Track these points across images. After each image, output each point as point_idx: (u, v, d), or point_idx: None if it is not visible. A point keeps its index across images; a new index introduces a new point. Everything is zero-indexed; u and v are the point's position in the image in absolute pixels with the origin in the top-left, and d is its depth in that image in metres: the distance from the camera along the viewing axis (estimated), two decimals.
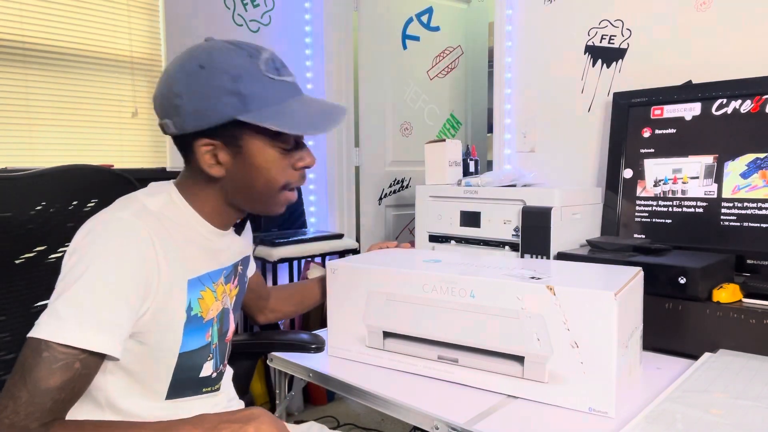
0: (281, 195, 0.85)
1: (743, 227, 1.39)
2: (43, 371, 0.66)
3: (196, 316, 0.83)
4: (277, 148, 0.81)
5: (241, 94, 0.76)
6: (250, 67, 0.78)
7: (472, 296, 0.93)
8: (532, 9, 2.05)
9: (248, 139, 0.80)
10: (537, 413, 0.86)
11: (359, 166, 2.91)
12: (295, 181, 0.86)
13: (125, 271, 0.72)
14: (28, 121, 2.03)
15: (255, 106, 0.77)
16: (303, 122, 0.79)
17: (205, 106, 0.76)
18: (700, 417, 0.79)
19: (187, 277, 0.81)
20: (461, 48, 3.22)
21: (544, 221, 1.51)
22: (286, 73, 0.82)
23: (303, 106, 0.81)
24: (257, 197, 0.84)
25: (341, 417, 2.39)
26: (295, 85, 0.83)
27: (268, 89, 0.78)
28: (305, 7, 2.81)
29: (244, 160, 0.81)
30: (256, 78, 0.78)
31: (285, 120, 0.78)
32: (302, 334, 1.15)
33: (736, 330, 1.07)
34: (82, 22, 2.13)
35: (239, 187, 0.83)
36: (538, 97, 2.05)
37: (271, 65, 0.80)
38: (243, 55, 0.78)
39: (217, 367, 0.91)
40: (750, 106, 1.41)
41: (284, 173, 0.83)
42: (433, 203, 1.82)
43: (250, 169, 0.81)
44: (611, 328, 0.81)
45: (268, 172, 0.82)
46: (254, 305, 1.17)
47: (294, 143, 0.83)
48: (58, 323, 0.68)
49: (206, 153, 0.80)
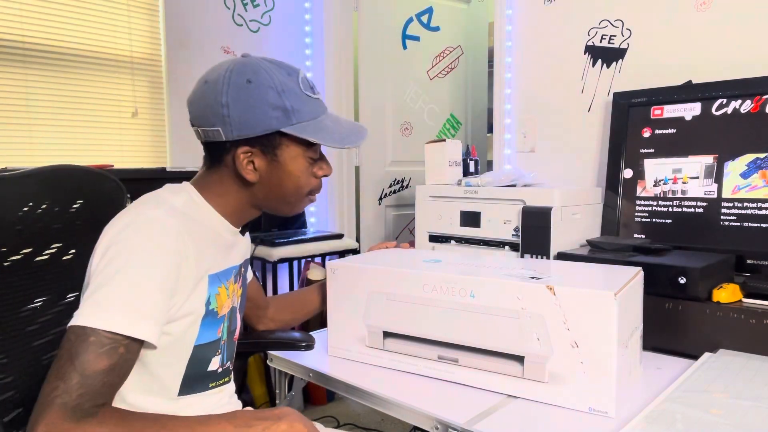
0: (305, 199, 0.95)
1: (743, 227, 1.39)
2: (90, 354, 0.69)
3: (213, 310, 0.87)
4: (307, 158, 0.90)
5: (285, 108, 0.85)
6: (292, 84, 0.87)
7: (472, 296, 0.93)
8: (532, 9, 2.05)
9: (285, 149, 0.88)
10: (537, 413, 0.86)
11: (359, 166, 2.91)
12: (316, 188, 0.95)
13: (163, 264, 0.77)
14: (28, 121, 2.03)
15: (296, 119, 0.87)
16: (337, 136, 0.89)
17: (252, 117, 0.84)
18: (700, 417, 0.79)
19: (209, 272, 0.86)
20: (461, 48, 3.22)
21: (544, 221, 1.51)
22: (317, 92, 0.92)
23: (333, 122, 0.92)
24: (286, 200, 0.92)
25: (341, 417, 2.39)
26: (323, 103, 0.93)
27: (306, 105, 0.88)
28: (305, 7, 2.81)
29: (279, 167, 0.89)
30: (296, 95, 0.87)
31: (323, 134, 0.88)
32: (292, 333, 1.16)
33: (736, 330, 1.07)
34: (82, 22, 2.13)
35: (270, 191, 0.91)
36: (538, 97, 2.05)
37: (306, 84, 0.90)
38: (284, 74, 0.87)
39: (224, 363, 0.94)
40: (750, 106, 1.41)
41: (309, 180, 0.92)
42: (433, 203, 1.82)
43: (283, 175, 0.89)
44: (611, 328, 0.81)
45: (298, 179, 0.90)
46: (253, 315, 1.19)
47: (319, 156, 0.93)
48: (102, 312, 0.72)
49: (245, 159, 0.87)
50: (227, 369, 0.96)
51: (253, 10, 2.61)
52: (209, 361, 0.90)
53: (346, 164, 2.87)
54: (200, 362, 0.88)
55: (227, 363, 0.96)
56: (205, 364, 0.90)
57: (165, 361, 0.84)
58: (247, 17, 2.59)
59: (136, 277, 0.74)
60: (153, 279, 0.75)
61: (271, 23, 2.68)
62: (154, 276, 0.76)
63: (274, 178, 0.89)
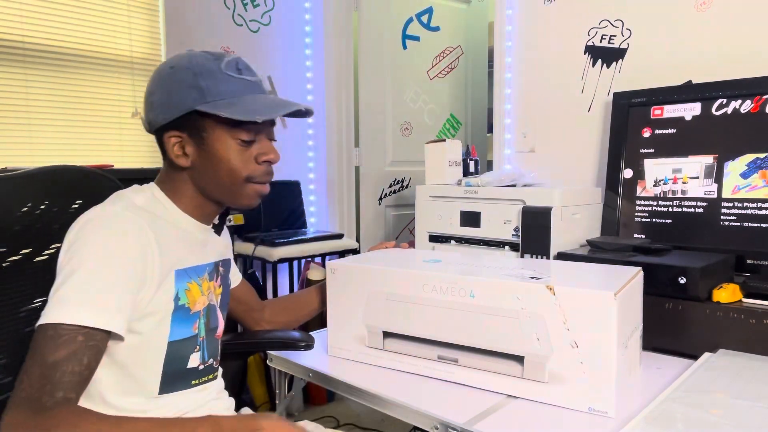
0: (247, 187, 0.91)
1: (743, 227, 1.39)
2: (49, 347, 0.71)
3: (184, 306, 0.87)
4: (236, 140, 0.88)
5: (200, 88, 0.85)
6: (211, 65, 0.87)
7: (472, 296, 0.93)
8: (532, 9, 2.04)
9: (210, 131, 0.87)
10: (537, 413, 0.86)
11: (359, 166, 2.91)
12: (258, 175, 0.91)
13: (123, 256, 0.78)
14: (28, 121, 2.03)
15: (212, 98, 0.85)
16: (248, 111, 0.85)
17: (170, 99, 0.86)
18: (700, 417, 0.79)
19: (175, 267, 0.86)
20: (461, 48, 3.22)
21: (544, 221, 1.51)
22: (248, 74, 0.90)
23: (256, 100, 0.88)
24: (225, 188, 0.90)
25: (341, 417, 2.39)
26: (256, 84, 0.90)
27: (226, 84, 0.87)
28: (305, 7, 2.81)
29: (208, 151, 0.88)
30: (214, 74, 0.86)
31: (234, 109, 0.85)
32: (292, 332, 1.15)
33: (736, 330, 1.07)
34: (82, 22, 2.13)
35: (206, 177, 0.90)
36: (538, 97, 2.05)
37: (233, 65, 0.88)
38: (207, 57, 0.88)
39: (205, 360, 0.94)
40: (750, 106, 1.41)
41: (246, 165, 0.89)
42: (433, 203, 1.82)
43: (213, 160, 0.88)
44: (611, 328, 0.81)
45: (229, 163, 0.88)
46: (248, 317, 1.19)
47: (254, 136, 0.89)
48: (61, 307, 0.73)
49: (175, 144, 0.88)
50: (211, 366, 0.96)
51: (253, 10, 2.61)
52: (187, 358, 0.90)
53: (346, 164, 2.87)
54: (177, 359, 0.88)
55: (210, 360, 0.95)
56: (184, 362, 0.90)
57: (141, 360, 0.85)
58: (247, 17, 2.59)
59: (95, 270, 0.76)
60: (113, 271, 0.77)
61: (271, 23, 2.68)
62: (113, 268, 0.77)
63: (207, 163, 0.88)
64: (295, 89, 2.80)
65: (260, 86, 0.91)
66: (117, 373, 0.84)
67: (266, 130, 0.92)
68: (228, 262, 1.05)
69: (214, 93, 0.86)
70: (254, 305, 1.20)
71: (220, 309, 0.98)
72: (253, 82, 0.90)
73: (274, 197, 2.57)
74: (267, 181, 0.93)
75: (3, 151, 1.98)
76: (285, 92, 2.75)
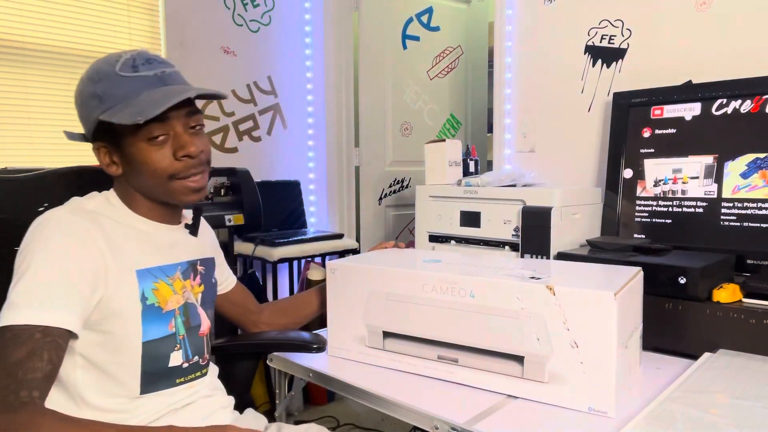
0: (174, 184, 0.89)
1: (743, 227, 1.39)
2: (9, 348, 0.72)
3: (153, 306, 0.87)
4: (145, 140, 0.86)
5: (98, 95, 0.85)
6: (107, 69, 0.85)
7: (472, 296, 0.93)
8: (532, 9, 2.04)
9: (122, 136, 0.86)
10: (537, 413, 0.86)
11: (359, 166, 2.91)
12: (181, 171, 0.89)
13: (70, 256, 0.79)
14: (28, 121, 2.03)
15: (109, 104, 0.84)
16: (135, 112, 0.82)
17: (83, 113, 0.88)
18: (700, 417, 0.79)
19: (135, 267, 0.87)
20: (461, 48, 3.22)
21: (544, 221, 1.51)
22: (146, 69, 0.86)
23: (150, 96, 0.84)
24: (154, 188, 0.90)
25: (341, 417, 2.39)
26: (155, 78, 0.86)
27: (120, 87, 0.84)
28: (305, 7, 2.81)
29: (128, 156, 0.88)
30: (109, 78, 0.85)
31: (123, 113, 0.82)
32: (303, 334, 1.14)
33: (736, 330, 1.07)
34: (82, 22, 2.13)
35: (137, 181, 0.90)
36: (538, 97, 2.05)
37: (129, 64, 0.85)
38: (106, 61, 0.86)
39: (189, 358, 0.94)
40: (750, 106, 1.41)
41: (165, 164, 0.87)
42: (433, 203, 1.82)
43: (135, 164, 0.88)
44: (611, 328, 0.81)
45: (147, 165, 0.87)
46: (245, 319, 1.19)
47: (166, 132, 0.87)
48: (13, 310, 0.75)
49: (104, 156, 0.90)
50: (197, 364, 0.96)
51: (253, 10, 2.61)
52: (167, 357, 0.90)
53: (346, 164, 2.87)
54: (156, 359, 0.88)
55: (195, 358, 0.95)
56: (164, 361, 0.90)
57: (116, 361, 0.85)
58: (247, 17, 2.59)
59: (42, 270, 0.77)
60: (61, 270, 0.78)
61: (271, 23, 2.68)
62: (61, 267, 0.78)
63: (132, 167, 0.88)
64: (295, 89, 2.80)
65: (162, 78, 0.87)
66: (95, 374, 0.84)
67: (182, 122, 0.88)
68: (210, 261, 1.04)
69: (111, 98, 0.84)
70: (251, 308, 1.19)
71: (202, 307, 0.98)
72: (151, 77, 0.86)
73: (274, 197, 2.57)
74: (194, 174, 0.90)
75: (3, 151, 1.98)
76: (285, 92, 2.76)
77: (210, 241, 1.10)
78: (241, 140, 2.60)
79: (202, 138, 0.92)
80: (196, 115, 0.91)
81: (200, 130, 0.92)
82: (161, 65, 0.88)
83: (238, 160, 2.56)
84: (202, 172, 0.92)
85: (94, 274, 0.81)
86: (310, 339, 1.10)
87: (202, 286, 0.99)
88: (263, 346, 1.16)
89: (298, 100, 2.81)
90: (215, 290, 1.06)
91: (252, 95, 2.63)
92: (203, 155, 0.92)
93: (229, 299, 1.15)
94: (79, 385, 0.84)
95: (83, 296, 0.79)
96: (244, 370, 1.16)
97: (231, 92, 2.55)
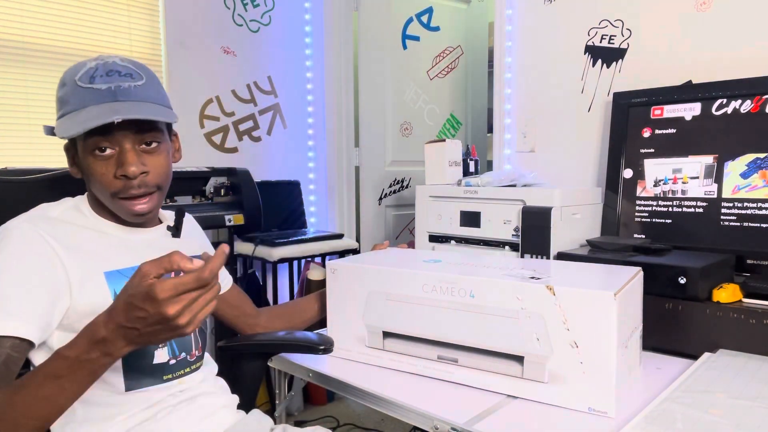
0: (117, 202, 0.88)
1: (743, 227, 1.39)
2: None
3: None
4: (90, 152, 0.86)
5: (60, 100, 0.87)
6: (70, 76, 0.86)
7: (472, 296, 0.93)
8: (532, 9, 2.04)
9: (76, 144, 0.88)
10: (537, 413, 0.86)
11: (359, 166, 2.91)
12: (120, 190, 0.87)
13: (23, 268, 0.79)
14: (28, 121, 2.03)
15: (64, 110, 0.86)
16: (73, 124, 0.82)
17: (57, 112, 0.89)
18: (700, 417, 0.79)
19: (103, 270, 0.87)
20: (461, 48, 3.22)
21: (544, 221, 1.51)
22: (101, 82, 0.84)
23: (91, 111, 0.83)
24: (102, 200, 0.90)
25: (341, 417, 2.39)
26: (107, 92, 0.84)
27: (74, 96, 0.85)
28: (305, 7, 2.81)
29: (81, 164, 0.89)
30: (69, 86, 0.86)
31: (65, 124, 0.83)
32: (310, 335, 1.12)
33: (736, 330, 1.07)
34: (82, 22, 2.13)
35: (91, 188, 0.91)
36: (538, 97, 2.05)
37: (88, 74, 0.85)
38: (74, 67, 0.88)
39: (175, 354, 0.94)
40: (750, 106, 1.41)
41: (107, 180, 0.86)
42: (433, 203, 1.82)
43: (86, 172, 0.89)
44: (611, 328, 0.81)
45: (93, 177, 0.87)
46: (241, 322, 1.18)
47: (110, 148, 0.85)
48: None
49: (69, 157, 0.92)
50: (184, 360, 0.96)
51: (253, 10, 2.61)
52: (151, 354, 0.90)
53: (346, 164, 2.87)
54: (138, 357, 0.88)
55: (182, 354, 0.95)
56: (148, 358, 0.90)
57: None
58: (247, 17, 2.59)
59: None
60: (15, 280, 0.78)
61: (271, 23, 2.68)
62: (15, 277, 0.78)
63: (85, 175, 0.89)
64: (295, 89, 2.80)
65: (114, 93, 0.84)
66: None
67: (129, 139, 0.86)
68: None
69: (65, 105, 0.86)
70: (248, 311, 1.19)
71: None
72: (103, 90, 0.84)
73: (274, 197, 2.57)
74: (133, 196, 0.87)
75: (3, 151, 1.98)
76: (285, 92, 2.75)
77: (198, 241, 1.10)
78: (241, 140, 2.60)
79: (156, 157, 0.89)
80: (151, 132, 0.88)
81: (155, 148, 0.89)
82: (121, 79, 0.86)
83: (238, 160, 2.56)
84: (148, 194, 0.89)
85: (53, 282, 0.81)
86: (317, 340, 1.09)
87: None
88: (270, 347, 1.15)
89: (298, 100, 2.81)
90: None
91: (252, 95, 2.63)
92: (149, 177, 0.88)
93: (225, 300, 1.15)
94: None
95: (40, 305, 0.79)
96: (251, 370, 1.16)
97: (231, 92, 2.55)
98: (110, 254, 0.89)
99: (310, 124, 2.87)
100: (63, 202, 0.92)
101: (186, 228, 1.04)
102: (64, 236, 0.85)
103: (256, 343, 1.16)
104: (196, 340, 0.99)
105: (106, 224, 0.92)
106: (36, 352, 0.85)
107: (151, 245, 0.95)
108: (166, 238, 1.00)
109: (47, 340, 0.84)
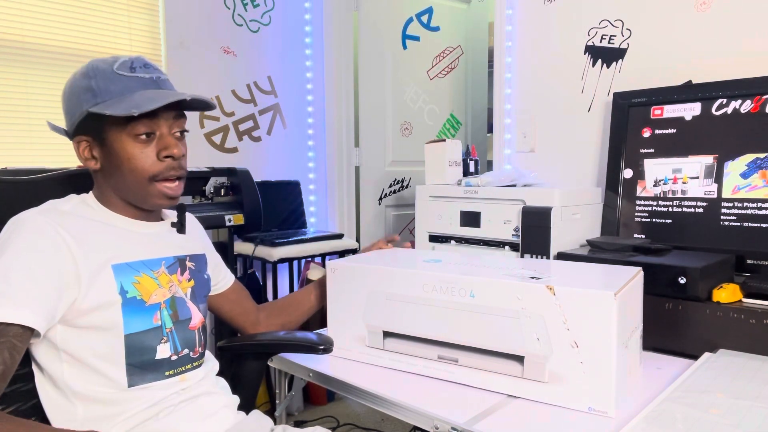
0: (153, 186, 0.91)
1: (743, 227, 1.39)
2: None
3: (135, 298, 0.88)
4: (131, 136, 0.88)
5: (92, 90, 0.88)
6: (104, 67, 0.89)
7: (472, 296, 0.93)
8: (532, 9, 2.04)
9: (108, 131, 0.89)
10: (537, 413, 0.86)
11: (359, 166, 2.91)
12: (162, 172, 0.91)
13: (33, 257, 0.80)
14: (28, 121, 2.03)
15: (102, 98, 0.87)
16: (130, 106, 0.85)
17: (71, 105, 0.91)
18: (700, 417, 0.79)
19: (111, 262, 0.88)
20: (461, 48, 3.22)
21: (544, 221, 1.51)
22: (143, 72, 0.90)
23: (144, 95, 0.88)
24: (130, 187, 0.91)
25: (341, 417, 2.39)
26: (150, 81, 0.91)
27: (116, 83, 0.88)
28: (305, 7, 2.81)
29: (110, 151, 0.90)
30: (106, 75, 0.88)
31: (117, 106, 0.85)
32: (310, 335, 1.12)
33: (736, 330, 1.07)
34: (82, 22, 2.13)
35: (114, 177, 0.91)
36: (538, 97, 2.05)
37: (126, 65, 0.90)
38: (104, 60, 0.90)
39: (178, 351, 0.94)
40: (750, 106, 1.41)
41: (148, 162, 0.90)
42: (433, 203, 1.82)
43: (116, 159, 0.90)
44: (611, 328, 0.81)
45: (130, 162, 0.89)
46: (243, 320, 1.18)
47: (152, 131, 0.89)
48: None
49: (84, 149, 0.92)
50: (187, 356, 0.96)
51: (253, 10, 2.61)
52: (154, 349, 0.91)
53: (346, 164, 2.87)
54: (142, 351, 0.89)
55: (185, 350, 0.95)
56: (150, 353, 0.90)
57: (99, 353, 0.86)
58: (247, 17, 2.59)
59: (5, 268, 0.78)
60: (24, 268, 0.79)
61: (271, 23, 2.68)
62: (25, 266, 0.79)
63: (112, 163, 0.90)
64: (295, 89, 2.80)
65: (156, 82, 0.91)
66: (80, 368, 0.86)
67: (168, 124, 0.91)
68: (200, 257, 1.05)
69: (105, 93, 0.87)
70: (249, 308, 1.19)
71: (192, 301, 0.99)
72: (147, 79, 0.90)
73: (274, 197, 2.57)
74: (172, 177, 0.93)
75: (3, 151, 1.98)
76: (285, 92, 2.75)
77: (200, 237, 1.11)
78: (241, 140, 2.60)
79: (184, 144, 0.95)
80: (183, 119, 0.94)
81: (183, 136, 0.95)
82: (157, 71, 0.92)
83: (238, 160, 2.56)
84: (180, 178, 0.95)
85: (62, 274, 0.82)
86: (317, 340, 1.09)
87: (192, 282, 1.00)
88: (270, 347, 1.15)
89: (298, 100, 2.81)
90: (208, 286, 1.07)
91: (252, 95, 2.63)
92: (183, 160, 0.94)
93: (226, 298, 1.15)
94: (66, 379, 0.86)
95: (47, 295, 0.80)
96: (251, 371, 1.16)
97: (231, 92, 2.55)
98: (118, 247, 0.90)
99: (310, 124, 2.87)
100: (70, 199, 0.93)
101: (187, 225, 1.06)
102: (75, 228, 0.86)
103: (256, 343, 1.16)
104: (199, 337, 1.00)
105: (115, 217, 0.94)
106: (37, 345, 0.86)
107: (156, 240, 0.96)
108: (171, 233, 1.01)
109: (49, 334, 0.84)
